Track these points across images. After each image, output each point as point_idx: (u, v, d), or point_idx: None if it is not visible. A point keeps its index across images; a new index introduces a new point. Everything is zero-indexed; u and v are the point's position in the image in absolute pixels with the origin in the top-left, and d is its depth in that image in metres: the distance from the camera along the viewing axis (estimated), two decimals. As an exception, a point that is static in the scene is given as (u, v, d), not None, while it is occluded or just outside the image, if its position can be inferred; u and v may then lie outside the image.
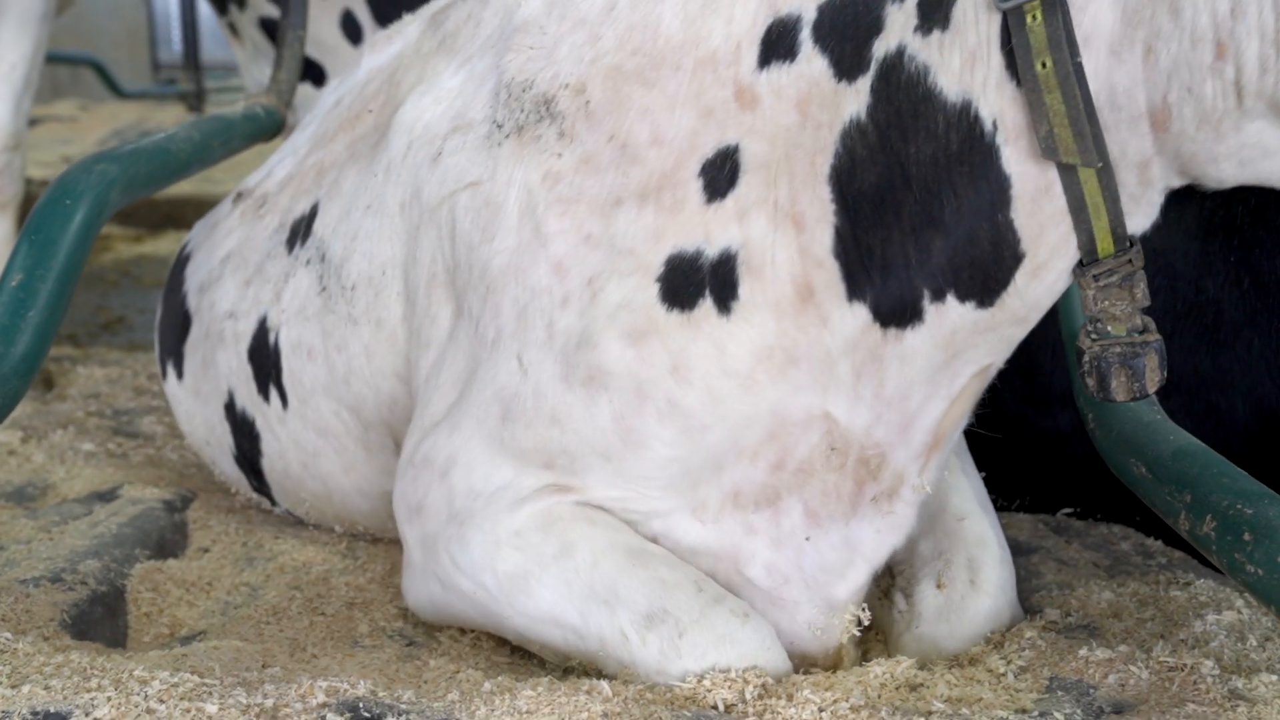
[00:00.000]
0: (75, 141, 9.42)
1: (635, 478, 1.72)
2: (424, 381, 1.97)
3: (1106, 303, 1.56)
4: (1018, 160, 1.49)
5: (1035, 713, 1.54)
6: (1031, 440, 2.47)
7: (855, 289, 1.59)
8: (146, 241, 6.76)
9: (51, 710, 1.49)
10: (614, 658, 1.71)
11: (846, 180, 1.56)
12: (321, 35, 4.69)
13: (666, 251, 1.65)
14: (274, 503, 2.47)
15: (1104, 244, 1.51)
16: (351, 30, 4.73)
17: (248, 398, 2.34)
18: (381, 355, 2.07)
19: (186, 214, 7.29)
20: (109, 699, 1.51)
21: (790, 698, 1.58)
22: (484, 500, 1.79)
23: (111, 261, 6.17)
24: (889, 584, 2.09)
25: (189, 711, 1.51)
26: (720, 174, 1.64)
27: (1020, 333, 1.63)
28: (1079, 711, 1.53)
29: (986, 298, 1.56)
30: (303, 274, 2.22)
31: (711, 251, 1.64)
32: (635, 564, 1.71)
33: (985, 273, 1.54)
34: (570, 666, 1.79)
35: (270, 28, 5.26)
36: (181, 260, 2.70)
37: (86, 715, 1.48)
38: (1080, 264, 1.54)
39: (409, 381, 2.05)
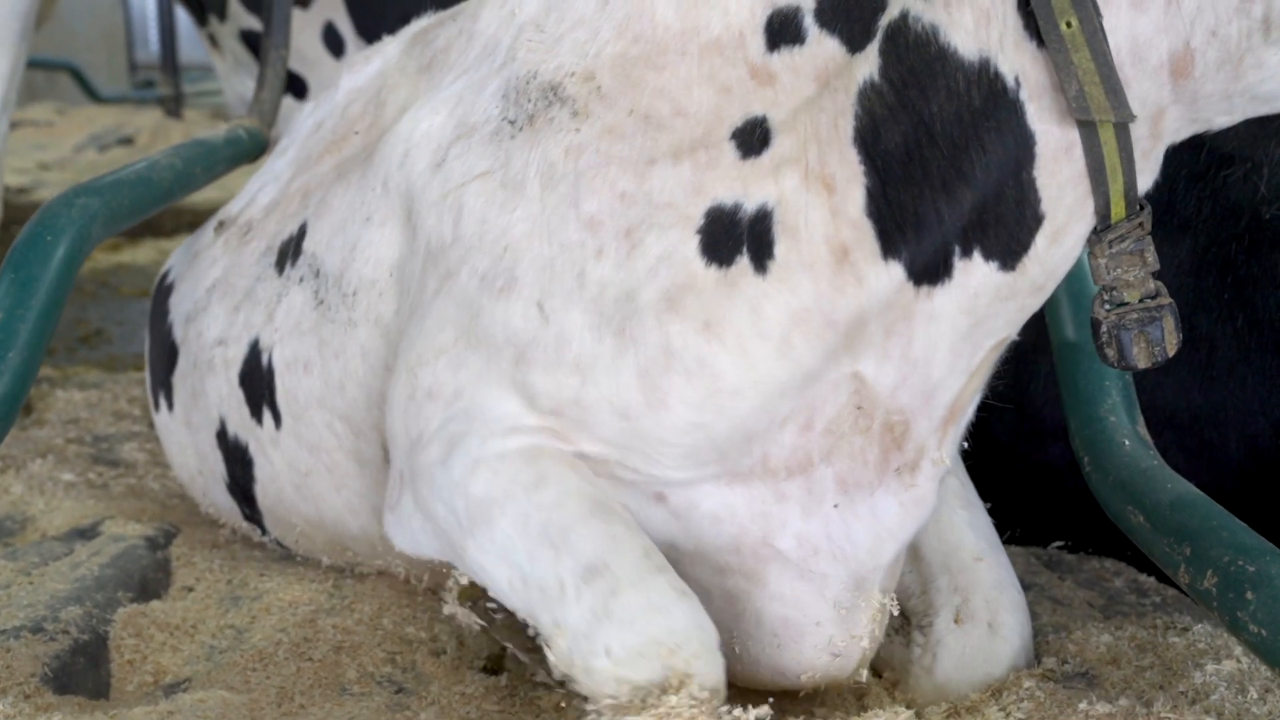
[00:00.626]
0: (52, 147, 9.34)
1: (652, 439, 1.67)
2: (412, 327, 1.91)
3: (1120, 270, 1.57)
4: (1040, 119, 1.50)
5: (1036, 770, 1.52)
6: (1023, 473, 2.46)
7: (890, 247, 1.58)
8: (125, 251, 6.70)
9: (35, 778, 1.46)
10: (548, 615, 1.64)
11: (871, 141, 1.56)
12: (303, 48, 4.65)
13: (706, 204, 1.63)
14: (265, 531, 2.44)
15: (1117, 208, 1.53)
16: (333, 43, 4.69)
17: (240, 423, 2.31)
18: (376, 351, 2.03)
19: (164, 223, 7.24)
20: (94, 765, 1.48)
21: (788, 756, 1.56)
22: (480, 423, 1.75)
23: (90, 272, 6.11)
24: (903, 624, 2.07)
25: (176, 776, 1.48)
26: (752, 138, 1.63)
27: (1036, 303, 1.64)
28: (1080, 770, 1.52)
29: (1009, 259, 1.57)
30: (296, 292, 2.19)
31: (750, 206, 1.61)
32: (594, 516, 1.66)
33: (1009, 233, 1.55)
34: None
35: (251, 40, 5.22)
36: (164, 290, 2.67)
37: (71, 783, 1.45)
38: (1095, 230, 1.56)
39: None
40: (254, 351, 2.25)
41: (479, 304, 1.75)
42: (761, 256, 1.60)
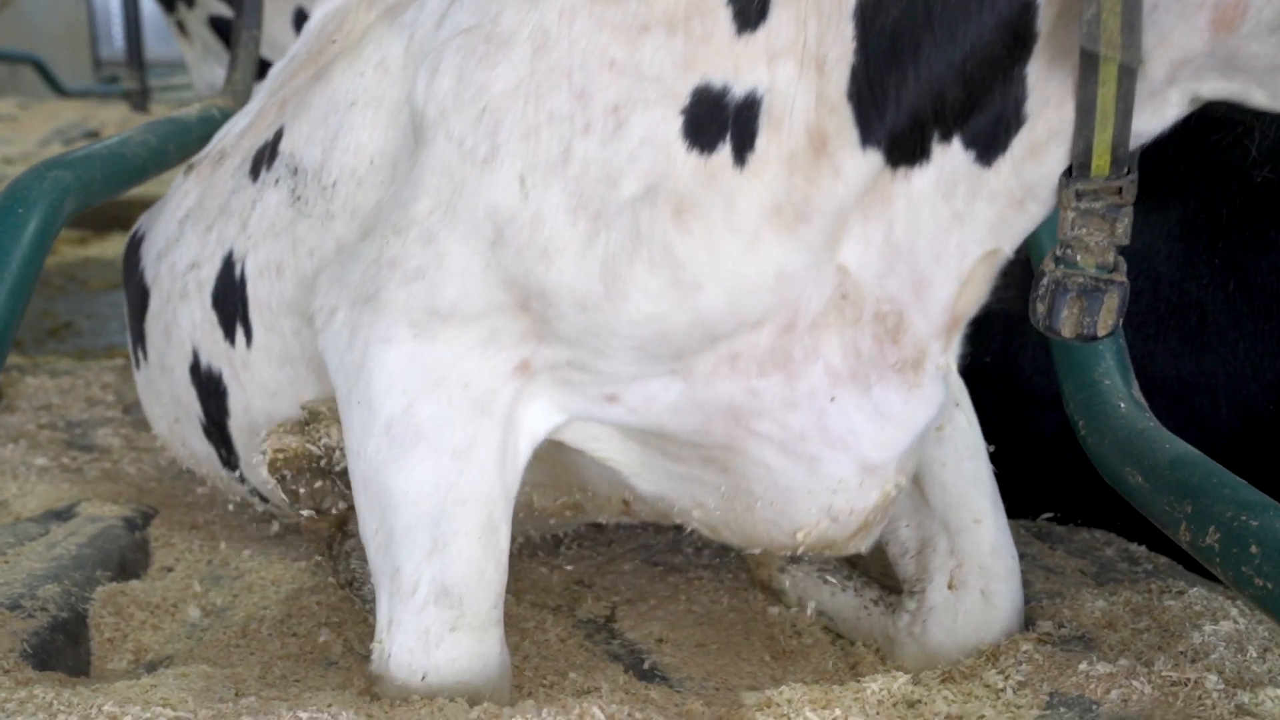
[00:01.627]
0: (16, 141, 9.20)
1: (605, 332, 1.61)
2: (383, 200, 1.83)
3: (1084, 230, 1.50)
4: (1048, 20, 1.41)
5: (1039, 731, 1.51)
6: (1012, 444, 2.44)
7: (868, 133, 1.51)
8: (93, 244, 6.61)
9: (17, 751, 1.42)
10: (389, 601, 1.68)
11: (870, 15, 1.48)
12: (274, 34, 4.60)
13: (694, 82, 1.55)
14: (242, 479, 2.33)
15: (1099, 159, 1.45)
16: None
17: (212, 350, 2.20)
18: (351, 243, 1.92)
19: (132, 214, 7.12)
20: (78, 737, 1.43)
21: (789, 718, 1.54)
22: (439, 321, 1.67)
23: (56, 266, 6.02)
24: (884, 595, 2.06)
25: (163, 748, 1.44)
26: (750, 6, 1.54)
27: (1019, 220, 1.57)
28: (1083, 729, 1.50)
29: (987, 154, 1.51)
30: (271, 194, 2.09)
31: (738, 91, 1.54)
32: (482, 539, 1.67)
33: (992, 124, 1.48)
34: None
35: (220, 26, 5.15)
36: (135, 243, 2.58)
37: (54, 755, 1.41)
38: (1067, 173, 1.48)
39: None
40: (227, 265, 2.14)
41: (461, 174, 1.66)
42: (742, 148, 1.53)
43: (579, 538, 2.51)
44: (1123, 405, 1.84)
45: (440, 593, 1.65)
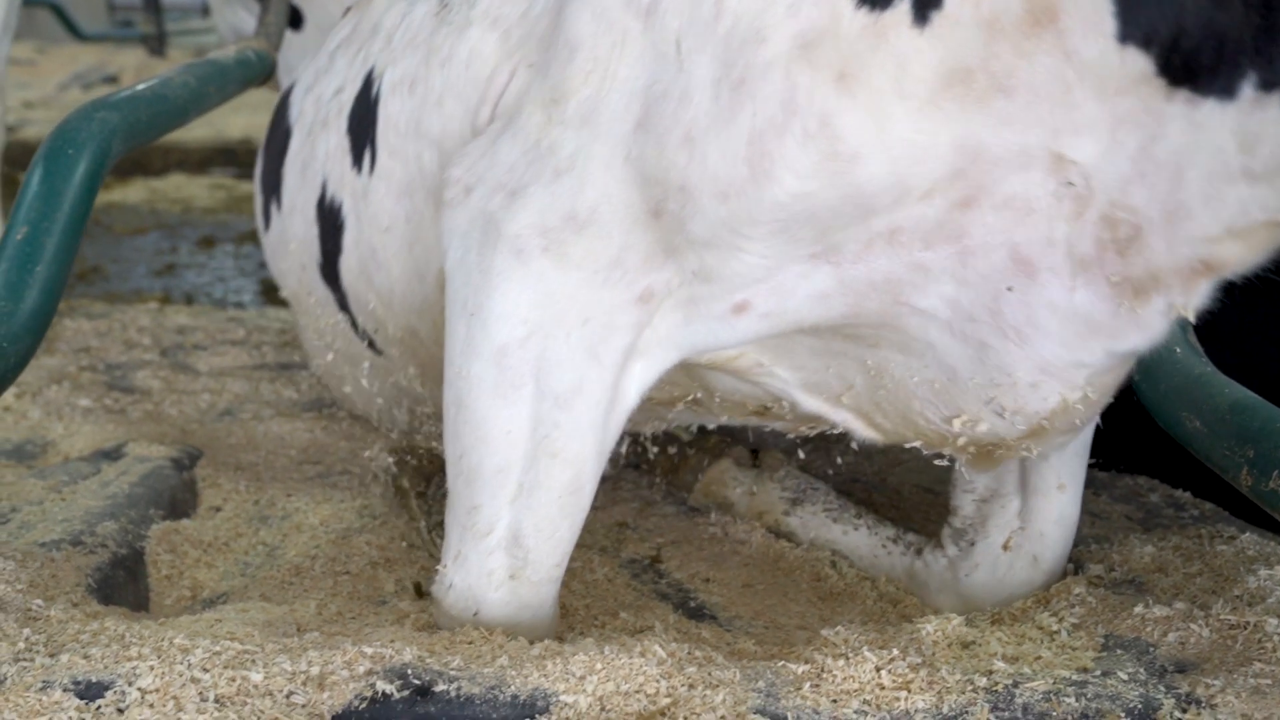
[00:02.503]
0: (35, 85, 9.19)
1: (745, 222, 1.47)
2: (532, 21, 1.69)
3: None
4: None
5: (1097, 671, 1.52)
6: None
7: (1132, 27, 1.30)
8: (115, 190, 6.62)
9: (94, 680, 1.44)
10: (459, 534, 1.67)
11: None
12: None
13: None
14: (354, 322, 2.25)
15: None
16: (331, -27, 4.61)
17: (340, 179, 2.12)
18: (485, 57, 1.80)
19: (154, 161, 7.16)
20: (151, 668, 1.45)
21: (847, 658, 1.55)
22: (575, 230, 1.55)
23: (82, 210, 6.02)
24: (906, 535, 2.07)
25: (234, 680, 1.46)
26: None
27: None
28: (1142, 670, 1.51)
29: None
30: (421, 5, 2.01)
31: None
32: (564, 507, 1.64)
33: None
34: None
35: (246, -31, 5.11)
36: (285, 95, 2.59)
37: (130, 684, 1.43)
38: None
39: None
40: (366, 84, 2.06)
41: (623, 25, 1.52)
42: (925, 4, 1.35)
43: (617, 483, 2.53)
44: (1178, 350, 1.84)
45: (511, 541, 1.65)
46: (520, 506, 1.65)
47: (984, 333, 1.53)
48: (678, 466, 2.46)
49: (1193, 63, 1.31)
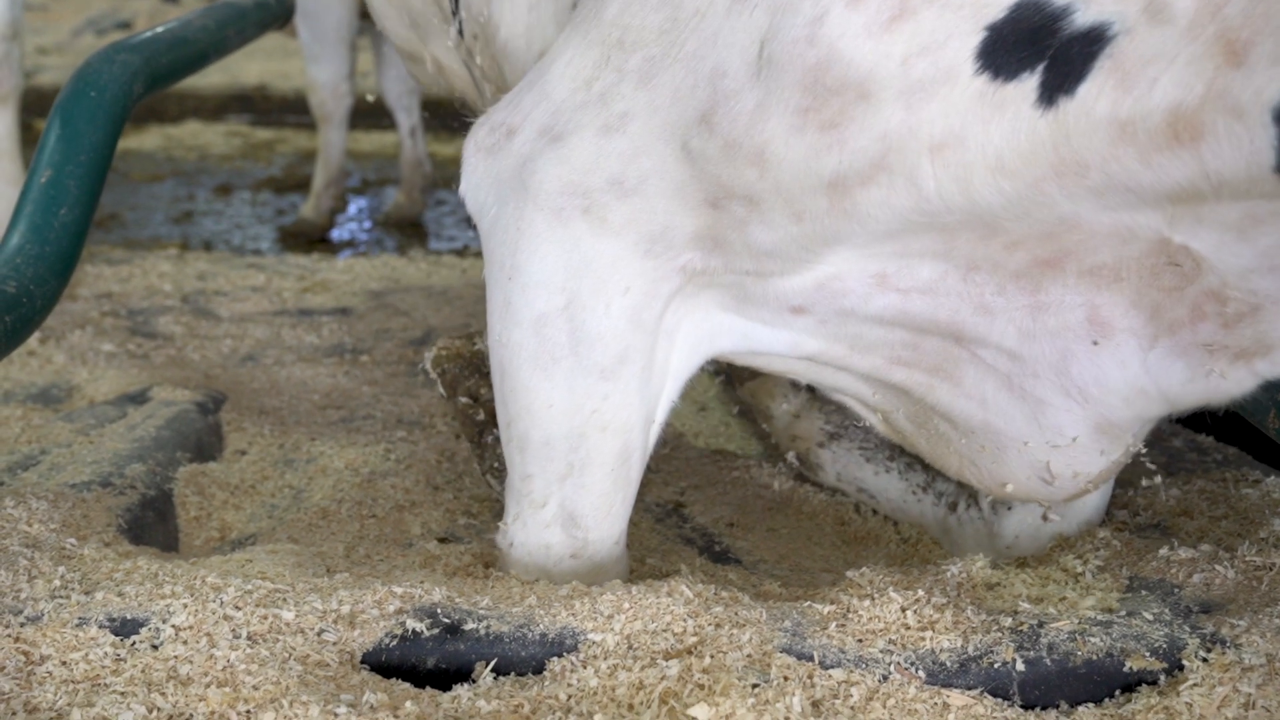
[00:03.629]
0: (48, 31, 9.15)
1: (817, 243, 1.40)
2: None
3: None
4: None
5: (1122, 612, 1.53)
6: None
7: None
8: (131, 137, 6.61)
9: (129, 617, 1.46)
10: (516, 499, 1.66)
11: None
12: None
13: None
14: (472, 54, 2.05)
15: None
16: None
17: None
18: None
19: (169, 108, 7.14)
20: (185, 606, 1.47)
21: (873, 598, 1.56)
22: (619, 196, 1.46)
23: (98, 157, 6.01)
24: (936, 484, 2.07)
25: (266, 618, 1.48)
26: None
27: None
28: (1167, 611, 1.52)
29: None
30: None
31: (1084, 17, 1.20)
32: (613, 473, 1.60)
33: None
34: None
35: (262, -89, 5.07)
36: None
37: (164, 622, 1.45)
38: None
39: None
40: None
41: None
42: (1057, 86, 1.22)
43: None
44: (1206, 294, 1.83)
45: (568, 519, 1.64)
46: (572, 486, 1.63)
47: (1045, 390, 1.48)
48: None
49: None
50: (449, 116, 1.84)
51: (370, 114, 5.93)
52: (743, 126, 1.36)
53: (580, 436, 1.59)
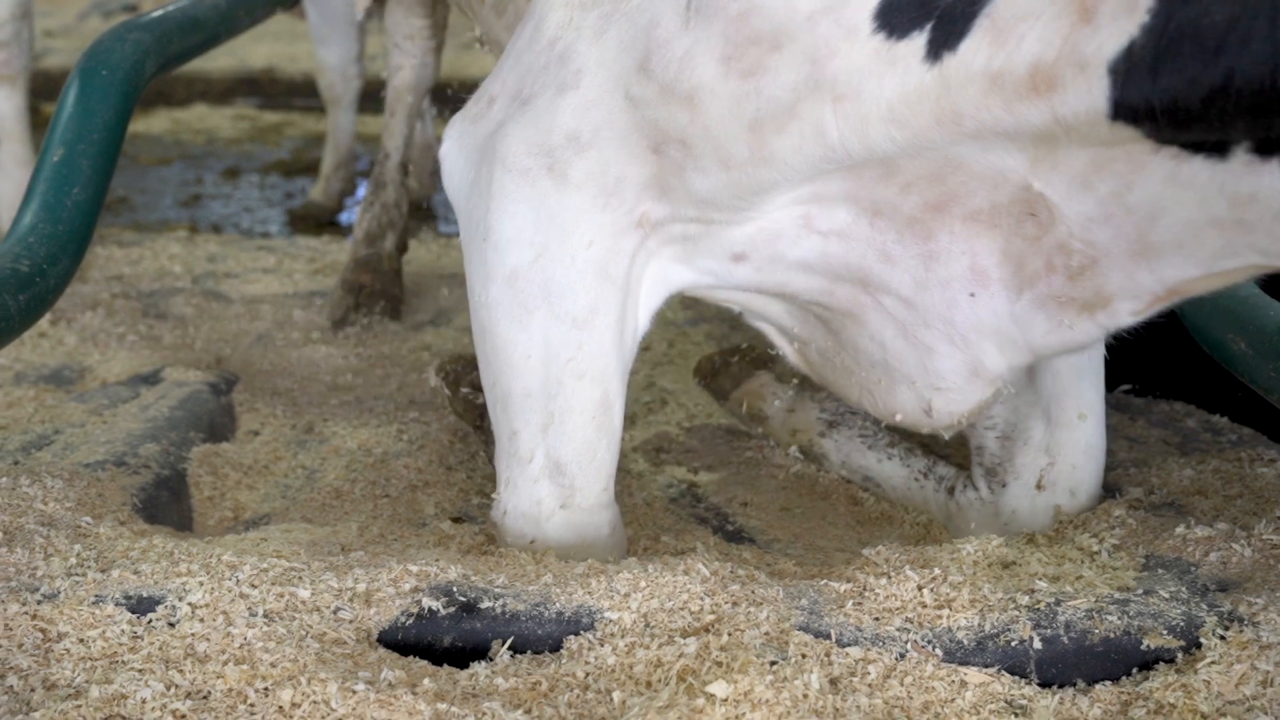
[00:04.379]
0: (55, 14, 9.13)
1: (745, 190, 1.52)
2: None
3: None
4: None
5: (1139, 590, 1.52)
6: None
7: (1125, 112, 1.27)
8: (139, 120, 6.60)
9: (145, 595, 1.46)
10: (506, 462, 1.71)
11: None
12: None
13: None
14: None
15: None
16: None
17: None
18: None
19: (177, 91, 7.13)
20: (201, 584, 1.47)
21: (889, 576, 1.56)
22: (577, 151, 1.58)
23: (107, 140, 6.00)
24: (938, 468, 2.06)
25: (282, 596, 1.48)
26: None
27: None
28: (1184, 589, 1.52)
29: None
30: None
31: None
32: (594, 420, 1.66)
33: None
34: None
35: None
36: None
37: (180, 599, 1.45)
38: None
39: None
40: None
41: None
42: (941, 45, 1.35)
43: (649, 408, 2.53)
44: (1223, 273, 1.82)
45: (554, 469, 1.68)
46: (555, 435, 1.68)
47: (933, 338, 1.62)
48: (717, 372, 2.44)
49: (1183, 129, 1.28)
50: (458, 101, 1.86)
51: (379, 97, 5.94)
52: (674, 72, 1.48)
53: (559, 384, 1.66)
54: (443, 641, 1.47)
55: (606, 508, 1.73)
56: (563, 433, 1.68)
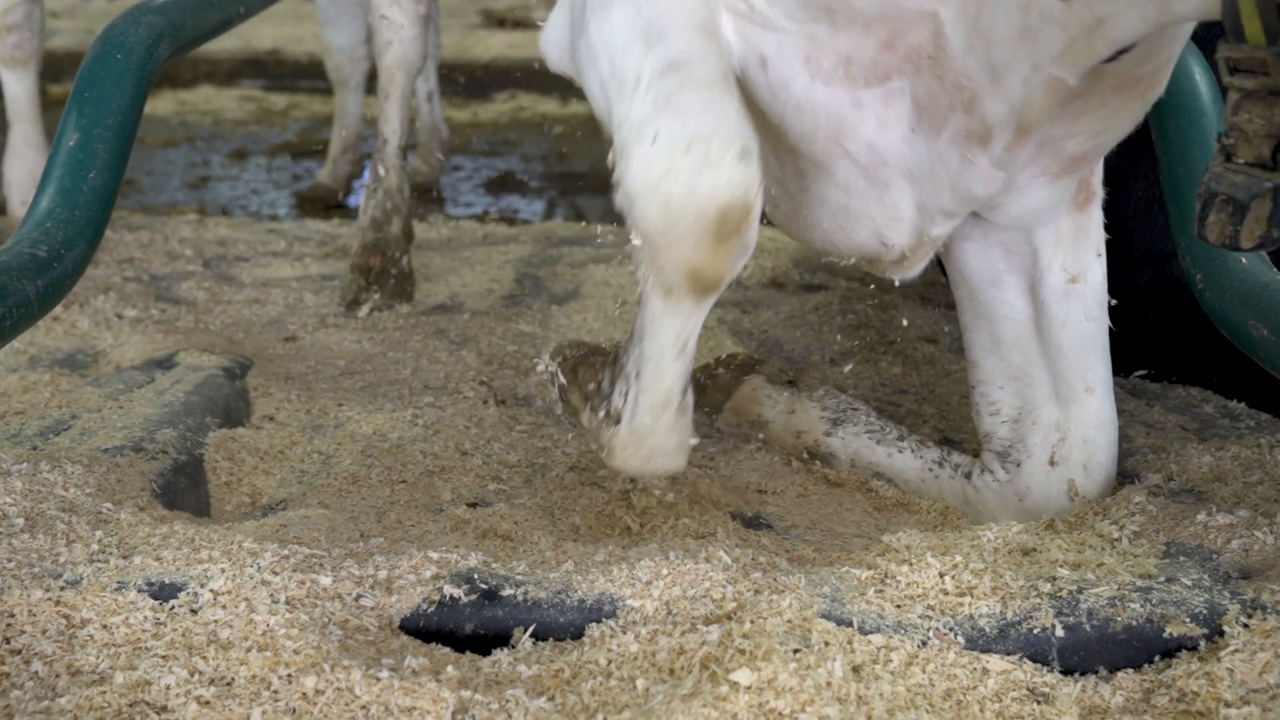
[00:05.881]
0: (61, -4, 9.12)
1: None
2: None
3: (1244, 115, 1.29)
4: None
5: (1161, 578, 1.52)
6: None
7: None
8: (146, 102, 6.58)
9: (167, 581, 1.46)
10: (620, 108, 1.65)
11: None
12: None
13: None
14: None
15: (1251, 25, 1.23)
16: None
17: None
18: None
19: (182, 73, 7.11)
20: (222, 570, 1.48)
21: (911, 564, 1.56)
22: None
23: (114, 122, 5.99)
24: (951, 456, 2.05)
25: (304, 583, 1.49)
26: None
27: (1086, 51, 1.47)
28: (1206, 576, 1.52)
29: None
30: None
31: None
32: (697, 30, 1.66)
33: None
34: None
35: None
36: None
37: (202, 586, 1.45)
38: (1223, 36, 1.27)
39: None
40: None
41: None
42: None
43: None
44: (1244, 258, 1.82)
45: (663, 69, 1.62)
46: (657, 49, 1.65)
47: (890, 174, 1.73)
48: (704, 388, 2.35)
49: None
50: (469, 84, 1.85)
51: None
52: None
53: (649, 21, 1.66)
54: (464, 629, 1.48)
55: (729, 91, 1.66)
56: (664, 43, 1.65)
